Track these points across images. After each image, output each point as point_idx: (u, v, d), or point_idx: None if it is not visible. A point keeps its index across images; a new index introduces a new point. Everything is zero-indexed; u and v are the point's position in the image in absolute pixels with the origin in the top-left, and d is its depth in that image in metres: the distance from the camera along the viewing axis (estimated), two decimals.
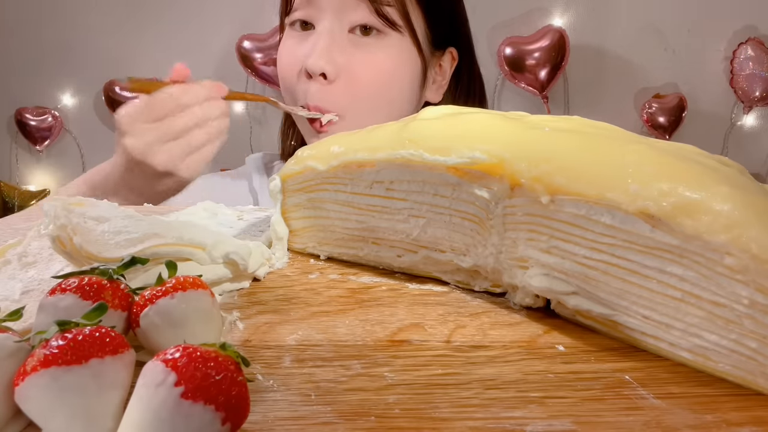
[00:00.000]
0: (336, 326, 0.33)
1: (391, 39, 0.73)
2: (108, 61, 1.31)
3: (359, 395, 0.26)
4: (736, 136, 1.35)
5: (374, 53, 0.73)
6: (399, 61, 0.74)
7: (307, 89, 0.72)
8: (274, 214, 0.45)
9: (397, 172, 0.38)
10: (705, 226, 0.27)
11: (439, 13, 0.77)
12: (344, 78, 0.72)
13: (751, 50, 1.28)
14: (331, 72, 0.71)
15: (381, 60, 0.73)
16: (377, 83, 0.73)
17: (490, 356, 0.30)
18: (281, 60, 0.77)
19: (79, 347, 0.22)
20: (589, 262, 0.31)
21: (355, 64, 0.72)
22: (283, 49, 0.78)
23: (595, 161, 0.31)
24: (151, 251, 0.34)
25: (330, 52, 0.71)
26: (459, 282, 0.39)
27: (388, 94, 0.75)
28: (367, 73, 0.73)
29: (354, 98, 0.73)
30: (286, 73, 0.76)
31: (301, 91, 0.74)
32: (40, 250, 0.41)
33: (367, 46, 0.73)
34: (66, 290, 0.28)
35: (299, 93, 0.74)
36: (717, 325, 0.27)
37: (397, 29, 0.72)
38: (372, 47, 0.73)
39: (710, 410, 0.25)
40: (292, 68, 0.75)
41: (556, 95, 1.32)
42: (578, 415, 0.25)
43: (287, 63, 0.76)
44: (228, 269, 0.37)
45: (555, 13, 1.29)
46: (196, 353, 0.22)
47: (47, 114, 1.44)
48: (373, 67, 0.73)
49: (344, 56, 0.72)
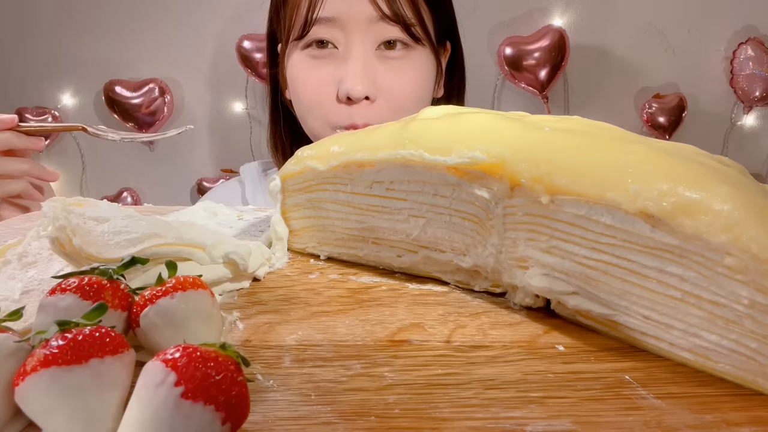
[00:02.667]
0: (336, 326, 0.33)
1: (416, 52, 0.74)
2: (108, 61, 1.31)
3: (359, 395, 0.26)
4: (736, 136, 1.35)
5: (405, 70, 0.74)
6: (427, 72, 0.76)
7: (352, 113, 0.72)
8: (274, 214, 0.45)
9: (397, 172, 0.38)
10: (705, 226, 0.27)
11: (443, 13, 0.79)
12: (383, 96, 0.73)
13: (751, 50, 1.28)
14: (373, 94, 0.72)
15: (413, 75, 0.75)
16: (413, 95, 0.75)
17: (490, 356, 0.30)
18: (306, 85, 0.75)
19: (79, 347, 0.22)
20: (590, 262, 0.31)
21: (391, 83, 0.73)
22: (301, 73, 0.75)
23: (595, 161, 0.31)
24: (151, 251, 0.34)
25: (368, 76, 0.71)
26: (459, 282, 0.38)
27: (421, 102, 0.77)
28: (403, 89, 0.74)
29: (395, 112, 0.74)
30: (315, 99, 0.75)
31: (340, 114, 0.73)
32: (40, 250, 0.41)
33: (396, 63, 0.74)
34: (66, 290, 0.28)
35: (340, 116, 0.73)
36: (717, 325, 0.27)
37: (421, 43, 0.74)
38: (401, 63, 0.74)
39: (710, 410, 0.25)
40: (323, 94, 0.74)
41: (556, 95, 1.32)
42: (578, 415, 0.25)
43: (316, 89, 0.74)
44: (228, 269, 0.37)
45: (555, 13, 1.29)
46: (196, 353, 0.22)
47: (47, 114, 1.44)
48: (408, 82, 0.74)
49: (379, 76, 0.73)
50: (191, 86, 1.34)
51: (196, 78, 1.34)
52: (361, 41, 0.71)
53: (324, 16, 0.70)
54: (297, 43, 0.75)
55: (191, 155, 1.36)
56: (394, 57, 0.73)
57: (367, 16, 0.70)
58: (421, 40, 0.73)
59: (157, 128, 1.33)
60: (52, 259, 0.39)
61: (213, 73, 1.34)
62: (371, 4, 0.69)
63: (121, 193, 1.36)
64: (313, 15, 0.71)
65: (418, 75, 0.75)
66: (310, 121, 0.77)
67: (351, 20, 0.70)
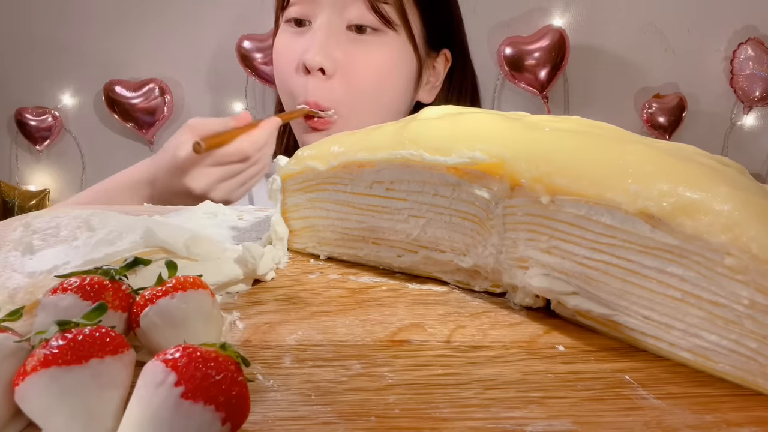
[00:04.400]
0: (336, 326, 0.33)
1: (388, 37, 0.74)
2: (108, 61, 1.31)
3: (359, 395, 0.26)
4: (736, 136, 1.35)
5: (371, 50, 0.73)
6: (395, 58, 0.75)
7: (306, 84, 0.73)
8: (274, 214, 0.45)
9: (398, 172, 0.38)
10: (705, 226, 0.27)
11: (435, 14, 0.78)
12: (342, 74, 0.73)
13: (751, 50, 1.28)
14: (329, 67, 0.72)
15: (378, 57, 0.74)
16: (374, 80, 0.74)
17: (490, 356, 0.30)
18: (278, 55, 0.78)
19: (79, 347, 0.22)
20: (590, 262, 0.31)
21: (352, 60, 0.73)
22: (278, 44, 0.78)
23: (595, 161, 0.31)
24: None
25: (328, 47, 0.72)
26: (459, 282, 0.39)
27: (384, 92, 0.76)
28: (364, 70, 0.73)
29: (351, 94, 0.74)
30: (282, 68, 0.76)
31: (299, 86, 0.74)
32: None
33: (364, 43, 0.73)
34: (67, 290, 0.28)
35: (297, 88, 0.74)
36: (717, 325, 0.27)
37: (393, 28, 0.73)
38: (369, 44, 0.73)
39: (710, 410, 0.25)
40: (288, 63, 0.75)
41: (556, 95, 1.32)
42: (578, 415, 0.25)
43: (284, 58, 0.76)
44: (240, 270, 0.37)
45: (555, 13, 1.29)
46: (196, 353, 0.22)
47: (47, 114, 1.44)
48: (370, 63, 0.74)
49: (342, 52, 0.72)
50: (191, 86, 1.34)
51: (196, 78, 1.34)
52: (329, 16, 0.72)
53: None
54: (282, 18, 0.77)
55: None
56: (364, 40, 0.73)
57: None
58: (393, 25, 0.73)
59: (157, 128, 1.33)
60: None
61: (213, 73, 1.34)
62: None
63: None
64: None
65: (383, 61, 0.74)
66: (282, 97, 0.79)
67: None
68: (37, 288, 0.31)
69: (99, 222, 0.37)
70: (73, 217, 0.38)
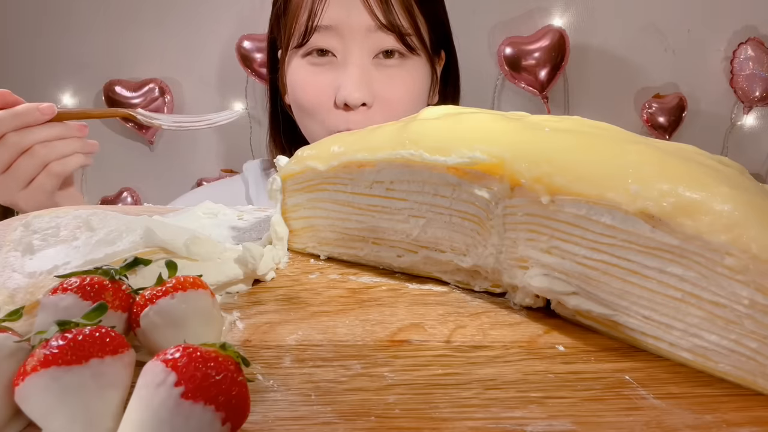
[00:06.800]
0: (336, 326, 0.33)
1: (411, 60, 0.76)
2: (108, 61, 1.31)
3: (359, 395, 0.26)
4: (736, 136, 1.35)
5: (401, 75, 0.76)
6: (421, 78, 0.78)
7: (347, 118, 0.74)
8: (274, 214, 0.45)
9: (398, 172, 0.38)
10: (705, 226, 0.27)
11: (438, 24, 0.81)
12: (380, 103, 0.75)
13: (751, 50, 1.28)
14: (370, 101, 0.74)
15: (408, 80, 0.77)
16: (408, 101, 0.77)
17: (490, 356, 0.30)
18: (300, 91, 0.77)
19: (79, 347, 0.22)
20: (590, 262, 0.31)
21: (389, 89, 0.75)
22: (299, 79, 0.77)
23: (595, 161, 0.31)
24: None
25: (366, 83, 0.73)
26: (459, 282, 0.38)
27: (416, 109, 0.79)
28: (399, 96, 0.76)
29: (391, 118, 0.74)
30: (314, 104, 0.76)
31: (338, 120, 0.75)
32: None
33: (391, 69, 0.75)
34: (67, 290, 0.28)
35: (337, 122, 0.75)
36: (717, 325, 0.27)
37: (417, 53, 0.76)
38: (395, 69, 0.76)
39: (710, 410, 0.25)
40: (321, 100, 0.75)
41: (556, 95, 1.32)
42: (578, 415, 0.25)
43: (310, 95, 0.76)
44: (240, 270, 0.37)
45: (555, 13, 1.29)
46: (196, 353, 0.22)
47: None
48: (403, 87, 0.76)
49: (376, 84, 0.74)
50: (191, 86, 1.34)
51: (196, 78, 1.34)
52: (359, 49, 0.73)
53: (323, 25, 0.72)
54: (297, 51, 0.77)
55: (191, 155, 1.36)
56: (391, 65, 0.75)
57: (365, 25, 0.72)
58: (416, 49, 0.75)
59: (157, 128, 1.33)
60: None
61: (213, 73, 1.34)
62: (369, 14, 0.71)
63: (121, 193, 1.36)
64: (313, 23, 0.73)
65: (413, 83, 0.77)
66: (309, 126, 0.79)
67: (349, 29, 0.72)
68: (37, 288, 0.31)
69: (99, 222, 0.37)
70: (73, 217, 0.38)
